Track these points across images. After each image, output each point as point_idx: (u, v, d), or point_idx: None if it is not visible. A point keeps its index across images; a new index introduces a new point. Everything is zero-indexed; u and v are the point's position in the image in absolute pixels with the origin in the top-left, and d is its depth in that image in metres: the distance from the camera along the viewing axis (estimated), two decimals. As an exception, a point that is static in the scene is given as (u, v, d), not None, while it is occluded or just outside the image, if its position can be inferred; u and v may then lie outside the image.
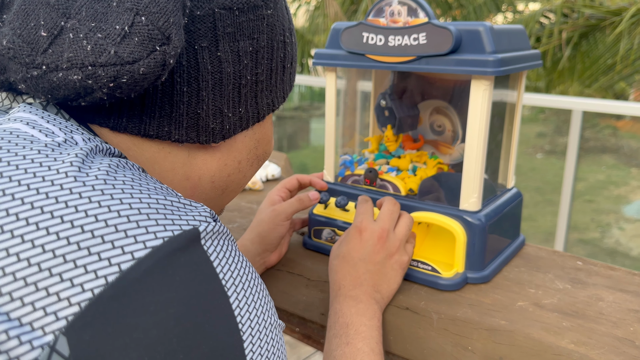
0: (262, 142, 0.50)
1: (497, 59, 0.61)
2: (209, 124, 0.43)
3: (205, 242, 0.33)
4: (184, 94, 0.41)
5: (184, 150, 0.44)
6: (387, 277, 0.63)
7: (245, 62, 0.43)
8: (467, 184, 0.67)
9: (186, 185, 0.46)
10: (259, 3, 0.43)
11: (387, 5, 0.67)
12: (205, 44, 0.40)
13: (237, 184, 0.50)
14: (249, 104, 0.45)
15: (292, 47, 0.49)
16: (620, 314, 0.62)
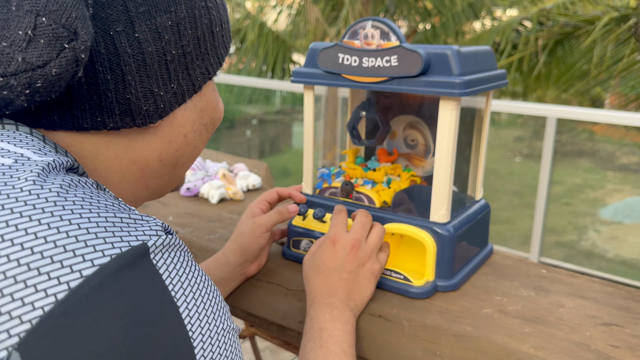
0: (206, 111, 0.50)
1: (463, 81, 0.65)
2: (142, 106, 0.43)
3: (154, 256, 0.35)
4: (109, 81, 0.41)
5: (124, 135, 0.44)
6: (360, 285, 0.67)
7: (167, 37, 0.43)
8: (437, 197, 0.71)
9: (134, 169, 0.46)
10: None
11: (362, 29, 0.71)
12: (121, 27, 0.40)
13: (188, 156, 0.51)
14: (181, 77, 0.45)
15: (217, 10, 0.48)
16: (578, 319, 0.66)
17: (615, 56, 4.22)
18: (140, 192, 0.49)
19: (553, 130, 2.83)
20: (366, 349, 0.66)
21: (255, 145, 7.06)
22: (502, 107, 3.54)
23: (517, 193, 5.92)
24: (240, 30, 5.71)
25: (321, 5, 5.59)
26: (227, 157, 1.32)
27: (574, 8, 4.56)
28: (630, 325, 0.65)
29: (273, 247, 0.85)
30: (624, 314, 0.67)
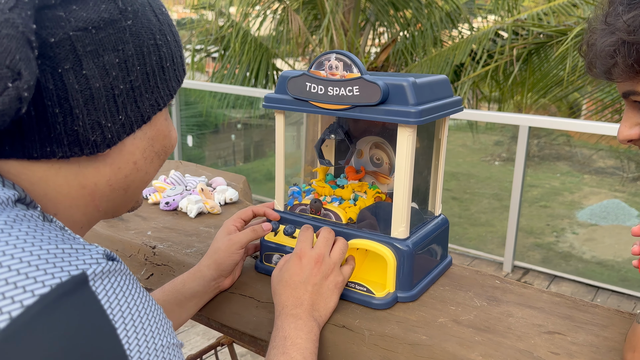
0: (157, 139, 0.53)
1: (418, 110, 0.71)
2: (89, 137, 0.45)
3: (94, 283, 0.38)
4: (57, 115, 0.43)
5: (73, 163, 0.47)
6: (324, 297, 0.72)
7: (114, 73, 0.46)
8: (397, 215, 0.77)
9: (84, 193, 0.49)
10: (116, 17, 0.46)
11: (327, 60, 0.76)
12: (68, 65, 0.43)
13: (140, 180, 0.53)
14: (129, 109, 0.48)
15: (168, 47, 0.51)
16: (525, 328, 0.72)
17: (589, 64, 4.34)
18: (92, 213, 0.52)
19: (525, 138, 2.92)
20: (330, 358, 0.72)
21: (240, 150, 7.07)
22: (479, 116, 3.64)
23: (496, 196, 6.03)
24: (224, 37, 5.75)
25: (303, 14, 5.65)
26: (207, 170, 1.37)
27: (548, 19, 4.68)
28: (571, 333, 0.71)
29: (247, 261, 0.90)
30: (567, 323, 0.74)
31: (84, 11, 0.44)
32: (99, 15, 0.45)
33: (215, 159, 6.84)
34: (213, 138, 7.05)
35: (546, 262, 4.15)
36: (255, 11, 5.67)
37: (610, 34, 0.63)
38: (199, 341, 2.48)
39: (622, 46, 0.62)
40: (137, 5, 0.48)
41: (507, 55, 4.66)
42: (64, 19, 0.43)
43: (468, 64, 4.89)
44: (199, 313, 0.82)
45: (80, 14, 0.43)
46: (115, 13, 0.46)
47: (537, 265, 3.51)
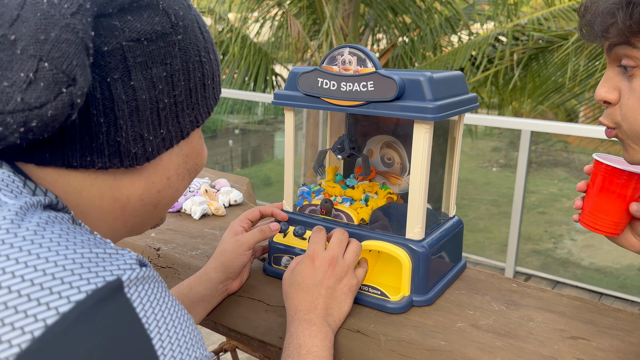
0: (191, 157, 0.53)
1: (436, 105, 0.68)
2: (130, 149, 0.45)
3: (129, 289, 0.37)
4: (101, 124, 0.43)
5: (110, 175, 0.46)
6: (338, 300, 0.69)
7: (161, 87, 0.46)
8: (412, 215, 0.74)
9: (115, 206, 0.48)
10: (168, 31, 0.46)
11: (340, 55, 0.74)
12: (117, 75, 0.43)
13: (170, 197, 0.53)
14: (171, 124, 0.48)
15: (210, 65, 0.51)
16: (547, 333, 0.69)
17: (588, 70, 4.35)
18: (119, 228, 0.51)
19: (527, 142, 2.91)
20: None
21: (238, 155, 7.04)
22: (480, 120, 3.62)
23: (494, 202, 6.01)
24: (223, 42, 5.74)
25: (302, 19, 5.64)
26: (209, 172, 1.34)
27: (548, 24, 4.68)
28: (596, 338, 0.68)
29: (254, 263, 0.87)
30: (590, 327, 0.71)
31: (138, 22, 0.44)
32: (152, 28, 0.45)
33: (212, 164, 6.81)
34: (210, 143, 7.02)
35: (545, 268, 4.12)
36: (253, 17, 5.66)
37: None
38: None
39: (626, 6, 0.60)
40: (187, 21, 0.48)
41: (507, 60, 4.65)
42: (118, 28, 0.43)
43: (468, 69, 4.88)
44: (205, 317, 0.79)
45: (134, 24, 0.43)
46: (167, 27, 0.46)
47: (537, 270, 3.48)
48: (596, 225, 0.75)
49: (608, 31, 0.64)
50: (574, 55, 4.15)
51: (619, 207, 0.74)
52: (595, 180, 0.76)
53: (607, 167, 0.74)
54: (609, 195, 0.74)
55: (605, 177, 0.74)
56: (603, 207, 0.75)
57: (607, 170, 0.74)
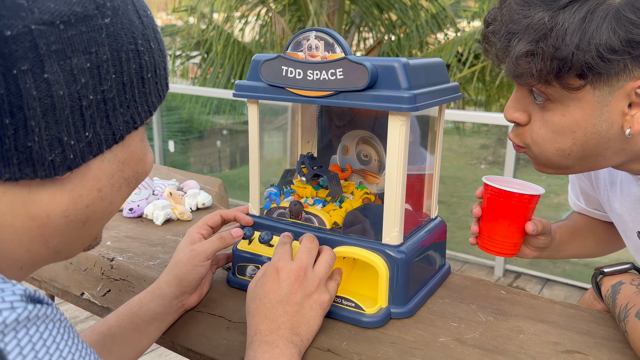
0: (129, 163, 0.45)
1: (412, 95, 0.60)
2: (46, 156, 0.38)
3: (3, 337, 0.29)
4: (7, 126, 0.36)
5: (23, 187, 0.39)
6: (306, 318, 0.61)
7: (84, 80, 0.38)
8: (389, 218, 0.66)
9: (31, 225, 0.40)
10: (91, 12, 0.38)
11: (305, 39, 0.66)
12: (27, 66, 0.35)
13: (102, 212, 0.45)
14: (99, 125, 0.40)
15: (151, 55, 0.44)
16: (539, 347, 0.62)
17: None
18: (39, 251, 0.42)
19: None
20: (313, 387, 0.61)
21: (226, 156, 6.94)
22: (467, 117, 3.57)
23: (483, 200, 5.97)
24: (207, 41, 5.64)
25: (287, 16, 5.56)
26: (178, 173, 1.26)
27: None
28: (593, 351, 0.61)
29: (218, 274, 0.79)
30: (587, 339, 0.64)
31: (52, 2, 0.36)
32: (70, 9, 0.37)
33: (200, 165, 6.71)
34: (198, 144, 6.91)
35: (534, 264, 4.09)
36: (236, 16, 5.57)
37: (528, 34, 0.61)
38: (178, 357, 2.35)
39: (541, 54, 0.60)
40: (117, 1, 0.40)
41: (493, 56, 4.61)
42: (25, 8, 0.35)
43: (454, 66, 4.82)
44: (161, 335, 0.71)
45: (46, 4, 0.36)
46: (90, 8, 0.38)
47: (526, 268, 3.43)
48: (495, 248, 0.76)
49: (521, 77, 0.64)
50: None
51: (516, 229, 0.76)
52: (488, 204, 0.76)
53: (498, 190, 0.74)
54: (504, 218, 0.75)
55: (498, 200, 0.75)
56: (500, 230, 0.76)
57: (499, 193, 0.74)
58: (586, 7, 0.58)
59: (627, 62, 0.59)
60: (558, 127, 0.66)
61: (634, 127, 0.63)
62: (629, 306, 0.61)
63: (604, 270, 0.71)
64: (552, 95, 0.64)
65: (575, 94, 0.62)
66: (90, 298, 0.80)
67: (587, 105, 0.64)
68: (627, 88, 0.61)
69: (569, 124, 0.65)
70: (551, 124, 0.66)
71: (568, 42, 0.58)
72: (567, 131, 0.66)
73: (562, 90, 0.62)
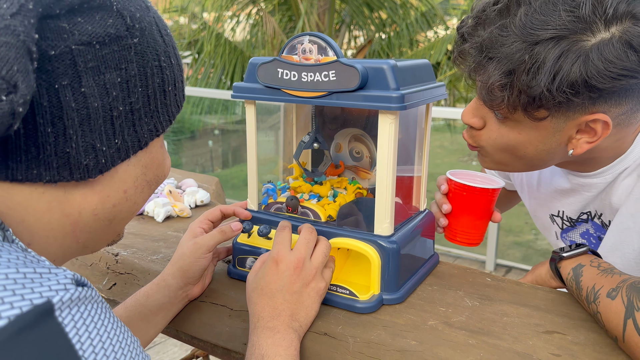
0: (150, 168, 0.49)
1: (400, 95, 0.65)
2: (81, 160, 0.42)
3: (61, 312, 0.33)
4: (49, 134, 0.40)
5: (60, 188, 0.43)
6: (305, 305, 0.65)
7: (115, 93, 0.43)
8: (380, 210, 0.71)
9: (65, 222, 0.44)
10: (122, 33, 0.43)
11: (299, 43, 0.70)
12: (67, 81, 0.40)
13: (127, 212, 0.49)
14: (127, 133, 0.45)
15: (171, 70, 0.49)
16: (521, 328, 0.67)
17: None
18: (70, 246, 0.47)
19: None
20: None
21: (218, 156, 6.95)
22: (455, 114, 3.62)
23: (475, 196, 6.03)
24: (197, 41, 5.65)
25: (278, 16, 5.59)
26: (176, 172, 1.29)
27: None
28: (571, 331, 0.66)
29: (218, 266, 0.83)
30: (566, 321, 0.68)
31: (90, 24, 0.41)
32: (105, 31, 0.42)
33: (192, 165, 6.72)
34: (190, 144, 6.92)
35: (526, 259, 4.15)
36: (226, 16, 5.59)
37: (504, 63, 0.68)
38: (176, 352, 2.38)
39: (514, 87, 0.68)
40: (144, 23, 0.45)
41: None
42: (67, 31, 0.40)
43: (444, 63, 4.88)
44: (167, 325, 0.75)
45: (85, 27, 0.41)
46: (122, 29, 0.43)
47: (517, 262, 3.49)
48: (467, 240, 0.83)
49: (491, 103, 0.72)
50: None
51: (482, 221, 0.82)
52: (454, 199, 0.82)
53: (463, 186, 0.80)
54: (470, 211, 0.81)
55: (462, 195, 0.80)
56: (467, 223, 0.82)
57: (463, 188, 0.80)
58: (561, 46, 0.65)
59: (586, 100, 0.68)
60: (512, 142, 0.75)
61: (576, 149, 0.74)
62: (596, 288, 0.65)
63: (563, 255, 0.75)
64: (513, 117, 0.72)
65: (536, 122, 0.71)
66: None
67: (543, 130, 0.73)
68: (581, 120, 0.70)
69: (522, 141, 0.74)
70: (506, 138, 0.75)
71: (540, 80, 0.65)
72: (519, 146, 0.75)
73: (524, 117, 0.71)
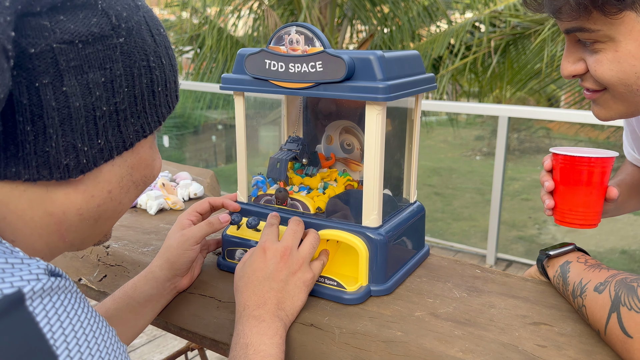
0: (137, 168, 0.49)
1: (387, 85, 0.64)
2: (61, 160, 0.42)
3: (32, 302, 0.33)
4: (28, 133, 0.39)
5: (41, 187, 0.43)
6: (291, 294, 0.66)
7: (98, 93, 0.42)
8: (368, 202, 0.71)
9: (49, 221, 0.44)
10: (107, 33, 0.42)
11: (286, 34, 0.70)
12: (47, 80, 0.39)
13: (113, 211, 0.49)
14: (110, 134, 0.44)
15: (162, 70, 0.48)
16: (508, 320, 0.66)
17: (565, 55, 4.35)
18: (56, 244, 0.47)
19: (505, 129, 2.89)
20: (298, 359, 0.65)
21: (222, 151, 6.96)
22: (459, 108, 3.61)
23: (478, 190, 6.03)
24: (199, 35, 5.64)
25: (280, 10, 5.57)
26: (171, 165, 1.29)
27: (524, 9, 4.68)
28: (558, 323, 0.66)
29: (208, 258, 0.83)
30: (554, 312, 0.68)
31: (72, 23, 0.40)
32: (88, 29, 0.41)
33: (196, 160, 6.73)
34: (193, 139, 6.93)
35: (529, 254, 4.14)
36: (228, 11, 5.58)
37: None
38: (176, 346, 2.39)
39: None
40: (132, 22, 0.45)
41: (484, 47, 4.64)
42: (48, 29, 0.39)
43: (446, 57, 4.86)
44: (156, 317, 0.75)
45: (67, 25, 0.40)
46: (107, 29, 0.42)
47: (518, 256, 3.49)
48: (578, 220, 0.73)
49: (561, 12, 0.64)
50: (551, 41, 4.15)
51: (597, 196, 0.72)
52: (563, 175, 0.73)
53: (574, 158, 0.71)
54: (584, 186, 0.72)
55: (574, 169, 0.72)
56: (580, 200, 0.72)
57: (576, 161, 0.71)
58: None
59: None
60: (614, 62, 0.65)
61: None
62: (583, 282, 0.65)
63: (549, 254, 0.74)
64: (599, 35, 0.64)
65: (620, 23, 0.61)
66: (88, 283, 0.85)
67: (637, 35, 0.62)
68: None
69: (624, 57, 0.64)
70: (606, 63, 0.66)
71: None
72: (625, 64, 0.65)
73: (605, 19, 0.62)
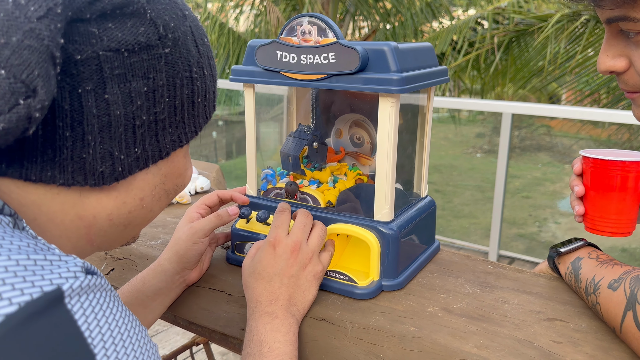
0: (170, 177, 0.49)
1: (402, 77, 0.63)
2: (97, 167, 0.41)
3: (70, 300, 0.33)
4: (67, 138, 0.39)
5: (74, 191, 0.42)
6: (302, 289, 0.65)
7: (140, 102, 0.42)
8: (380, 196, 0.70)
9: (79, 224, 0.44)
10: (153, 43, 0.42)
11: (299, 25, 0.69)
12: (90, 87, 0.39)
13: (143, 218, 0.49)
14: (148, 143, 0.44)
15: (203, 81, 0.47)
16: (522, 315, 0.66)
17: (569, 52, 4.34)
18: (84, 247, 0.46)
19: (509, 125, 2.89)
20: (310, 355, 0.65)
21: (222, 147, 6.95)
22: (462, 104, 3.60)
23: (478, 188, 6.03)
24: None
25: (282, 5, 5.55)
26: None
27: (528, 6, 4.66)
28: (573, 319, 0.65)
29: (217, 252, 0.82)
30: (568, 308, 0.67)
31: (120, 31, 0.40)
32: (135, 39, 0.41)
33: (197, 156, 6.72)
34: (193, 135, 6.90)
35: (529, 252, 4.14)
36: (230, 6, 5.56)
37: None
38: (178, 341, 2.39)
39: None
40: (179, 33, 0.44)
41: (487, 43, 4.63)
42: (96, 36, 0.39)
43: (449, 54, 4.84)
44: (165, 311, 0.74)
45: (115, 33, 0.40)
46: (153, 38, 0.42)
47: (520, 254, 3.49)
48: (611, 228, 0.68)
49: (603, 1, 0.58)
50: (554, 38, 4.13)
51: (632, 202, 0.68)
52: (595, 180, 0.68)
53: (606, 162, 0.67)
54: (618, 192, 0.67)
55: (607, 173, 0.67)
56: (613, 207, 0.68)
57: (609, 165, 0.67)
58: None
59: None
60: None
61: None
62: (596, 279, 0.64)
63: (560, 251, 0.73)
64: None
65: None
66: (95, 277, 0.84)
67: None
68: None
69: None
70: None
71: None
72: None
73: None
